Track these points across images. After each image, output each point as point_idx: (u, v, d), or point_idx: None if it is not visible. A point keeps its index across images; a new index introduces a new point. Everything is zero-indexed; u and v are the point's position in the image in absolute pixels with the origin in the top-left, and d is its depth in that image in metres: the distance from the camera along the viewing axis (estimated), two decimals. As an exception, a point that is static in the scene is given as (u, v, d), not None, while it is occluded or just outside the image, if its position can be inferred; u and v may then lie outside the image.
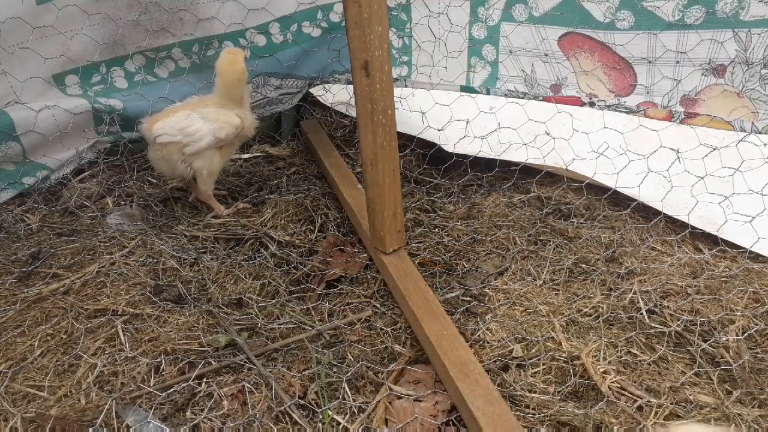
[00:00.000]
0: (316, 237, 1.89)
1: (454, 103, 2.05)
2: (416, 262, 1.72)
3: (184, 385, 1.35)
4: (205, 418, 1.28)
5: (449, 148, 2.12)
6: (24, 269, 1.68)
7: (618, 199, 1.97)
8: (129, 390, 1.34)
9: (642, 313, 1.53)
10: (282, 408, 1.30)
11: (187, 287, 1.63)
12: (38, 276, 1.67)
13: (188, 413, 1.31)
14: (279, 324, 1.55)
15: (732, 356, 1.39)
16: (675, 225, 1.86)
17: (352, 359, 1.45)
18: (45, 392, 1.33)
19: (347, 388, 1.36)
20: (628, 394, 1.32)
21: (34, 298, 1.58)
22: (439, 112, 2.09)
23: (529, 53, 1.92)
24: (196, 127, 1.81)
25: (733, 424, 1.24)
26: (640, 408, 1.28)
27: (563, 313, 1.54)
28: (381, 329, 1.54)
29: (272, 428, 1.25)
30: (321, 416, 1.29)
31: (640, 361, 1.40)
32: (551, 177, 2.09)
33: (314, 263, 1.76)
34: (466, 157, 2.06)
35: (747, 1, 1.52)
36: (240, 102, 1.91)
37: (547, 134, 1.92)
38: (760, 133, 1.62)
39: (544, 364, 1.40)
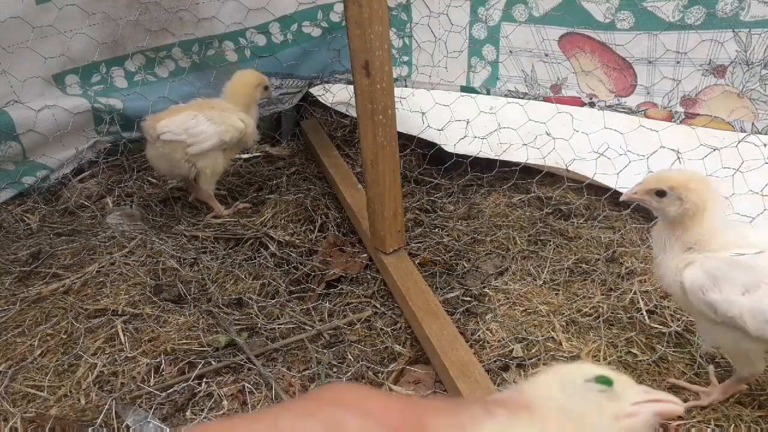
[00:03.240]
0: (316, 237, 1.89)
1: (454, 103, 2.05)
2: (416, 262, 1.72)
3: (184, 385, 1.35)
4: (205, 418, 1.28)
5: (449, 148, 2.11)
6: (24, 269, 1.68)
7: (618, 199, 1.97)
8: (129, 390, 1.34)
9: (642, 313, 1.53)
10: (282, 408, 1.29)
11: (187, 287, 1.63)
12: (38, 276, 1.67)
13: (188, 413, 1.30)
14: (279, 324, 1.54)
15: (732, 356, 1.39)
16: (675, 225, 1.85)
17: (352, 359, 1.45)
18: (45, 392, 1.33)
19: (347, 388, 1.36)
20: (629, 395, 1.31)
21: (34, 297, 1.58)
22: (439, 112, 2.09)
23: (529, 53, 1.92)
24: (201, 128, 1.82)
25: (733, 425, 1.24)
26: (640, 408, 1.28)
27: (563, 313, 1.54)
28: (381, 329, 1.54)
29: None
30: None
31: (641, 361, 1.40)
32: (551, 177, 2.09)
33: (314, 263, 1.76)
34: (466, 157, 2.06)
35: (747, 1, 1.52)
36: (246, 110, 1.92)
37: (548, 134, 1.92)
38: (760, 133, 1.62)
39: (544, 364, 1.40)
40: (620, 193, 1.91)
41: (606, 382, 0.49)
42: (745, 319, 1.06)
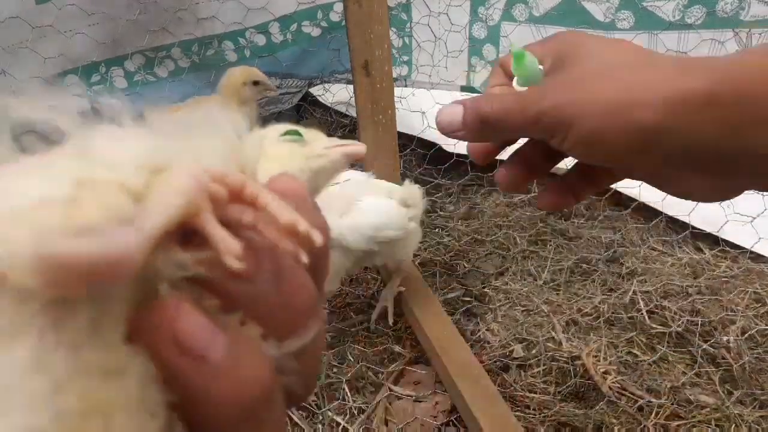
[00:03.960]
0: (316, 237, 1.89)
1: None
2: (416, 262, 1.71)
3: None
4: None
5: (449, 148, 2.11)
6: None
7: (619, 199, 1.97)
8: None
9: (642, 313, 1.53)
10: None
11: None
12: (38, 276, 1.66)
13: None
14: (279, 324, 1.54)
15: (733, 357, 1.39)
16: (676, 225, 1.85)
17: (353, 360, 1.45)
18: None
19: (347, 389, 1.36)
20: (629, 395, 1.31)
21: (34, 298, 1.57)
22: (440, 112, 2.08)
23: (529, 53, 1.91)
24: None
25: (734, 425, 1.23)
26: (640, 408, 1.28)
27: (564, 313, 1.54)
28: (381, 330, 1.54)
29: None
30: (321, 417, 1.29)
31: (641, 361, 1.40)
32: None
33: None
34: (466, 157, 2.06)
35: (747, 1, 1.52)
36: (239, 108, 1.92)
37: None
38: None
39: (544, 365, 1.40)
40: (621, 194, 1.91)
41: (296, 134, 0.53)
42: (347, 236, 1.28)
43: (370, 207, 1.32)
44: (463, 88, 2.10)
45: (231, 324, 0.21)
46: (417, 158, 2.26)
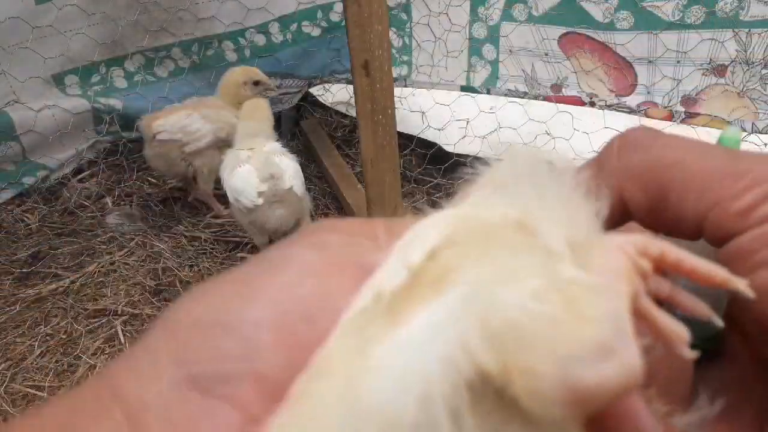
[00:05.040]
0: (316, 237, 1.89)
1: (454, 102, 2.05)
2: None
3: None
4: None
5: (449, 148, 2.11)
6: (23, 269, 1.68)
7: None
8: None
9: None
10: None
11: (186, 288, 1.63)
12: (38, 276, 1.67)
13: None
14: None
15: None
16: (675, 225, 1.85)
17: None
18: (45, 392, 1.33)
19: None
20: (629, 395, 1.31)
21: (34, 298, 1.58)
22: (439, 111, 2.09)
23: (529, 53, 1.91)
24: (196, 126, 1.82)
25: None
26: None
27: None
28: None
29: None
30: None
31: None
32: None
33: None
34: (466, 157, 2.06)
35: (747, 1, 1.52)
36: (239, 107, 1.92)
37: (548, 134, 1.92)
38: (761, 132, 1.62)
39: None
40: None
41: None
42: (228, 194, 1.49)
43: (239, 173, 1.47)
44: (463, 88, 2.09)
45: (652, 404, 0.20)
46: (417, 158, 2.26)
